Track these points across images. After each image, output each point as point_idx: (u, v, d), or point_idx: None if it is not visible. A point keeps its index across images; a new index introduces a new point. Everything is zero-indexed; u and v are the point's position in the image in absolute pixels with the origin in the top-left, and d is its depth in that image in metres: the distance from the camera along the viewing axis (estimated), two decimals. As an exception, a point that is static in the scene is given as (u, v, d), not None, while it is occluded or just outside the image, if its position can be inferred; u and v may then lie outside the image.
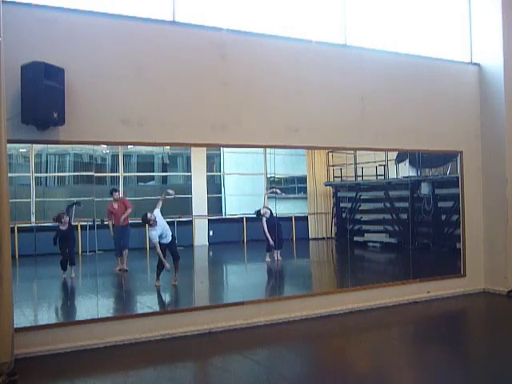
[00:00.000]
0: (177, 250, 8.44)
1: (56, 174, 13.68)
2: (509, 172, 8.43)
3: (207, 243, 12.21)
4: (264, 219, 10.06)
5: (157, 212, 8.15)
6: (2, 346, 4.80)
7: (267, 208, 10.25)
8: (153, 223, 8.00)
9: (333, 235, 12.57)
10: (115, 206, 9.83)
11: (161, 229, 8.14)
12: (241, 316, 6.71)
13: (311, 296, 7.50)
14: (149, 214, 7.97)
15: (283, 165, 12.58)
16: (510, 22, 8.44)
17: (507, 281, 8.43)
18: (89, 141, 6.20)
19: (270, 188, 11.04)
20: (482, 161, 8.81)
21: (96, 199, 8.82)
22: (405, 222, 10.48)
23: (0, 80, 4.89)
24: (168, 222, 10.08)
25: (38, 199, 11.59)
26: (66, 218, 8.91)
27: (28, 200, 11.33)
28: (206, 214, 12.27)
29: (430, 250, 10.37)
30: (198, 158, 12.03)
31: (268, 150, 9.04)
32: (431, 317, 7.53)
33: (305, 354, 6.14)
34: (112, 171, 13.13)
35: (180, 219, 11.00)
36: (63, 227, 8.83)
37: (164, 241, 8.22)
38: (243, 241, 12.25)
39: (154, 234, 8.06)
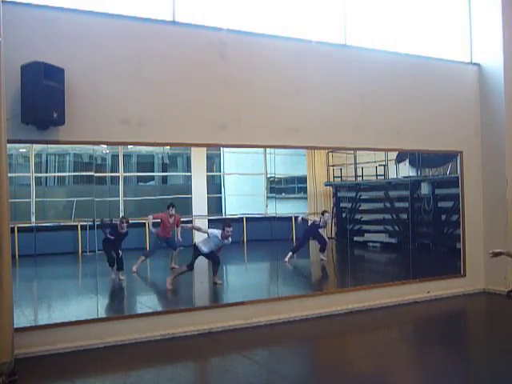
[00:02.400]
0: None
1: (56, 174, 13.70)
2: (509, 172, 8.43)
3: (207, 243, 12.20)
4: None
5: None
6: (2, 345, 4.80)
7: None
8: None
9: (333, 235, 12.57)
10: (171, 220, 9.75)
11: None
12: (241, 316, 6.71)
13: (311, 296, 7.50)
14: None
15: (283, 165, 12.60)
16: (510, 22, 8.44)
17: (507, 281, 8.42)
18: (89, 141, 6.21)
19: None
20: (482, 161, 8.81)
21: (96, 199, 8.83)
22: (405, 222, 10.48)
23: (0, 80, 4.89)
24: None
25: (37, 199, 11.60)
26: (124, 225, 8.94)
27: (28, 200, 11.34)
28: (206, 214, 12.27)
29: (429, 250, 10.37)
30: (198, 158, 12.03)
31: (268, 149, 9.05)
32: (431, 317, 7.53)
33: (305, 354, 6.14)
34: (112, 171, 13.14)
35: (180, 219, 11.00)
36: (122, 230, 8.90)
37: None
38: (243, 241, 12.26)
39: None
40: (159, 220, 9.85)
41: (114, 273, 8.95)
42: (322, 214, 11.12)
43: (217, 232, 8.18)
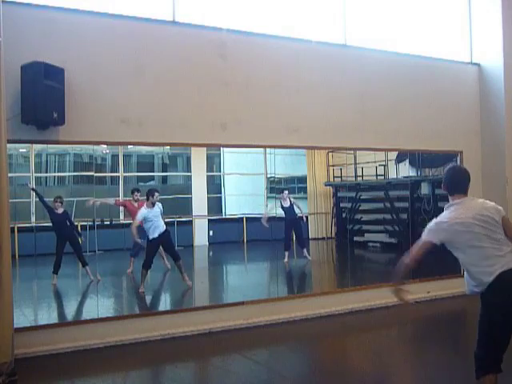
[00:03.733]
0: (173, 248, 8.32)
1: (56, 174, 13.69)
2: (509, 172, 8.43)
3: (207, 243, 12.22)
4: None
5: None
6: (2, 345, 4.80)
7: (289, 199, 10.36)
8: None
9: (333, 235, 12.57)
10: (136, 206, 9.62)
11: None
12: (241, 316, 6.70)
13: (311, 296, 7.50)
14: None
15: (283, 165, 12.59)
16: (510, 22, 8.44)
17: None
18: (89, 141, 6.21)
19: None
20: (482, 160, 8.81)
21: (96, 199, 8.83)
22: (405, 222, 10.49)
23: (0, 80, 4.89)
24: (168, 222, 10.02)
25: (38, 199, 11.57)
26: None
27: (28, 200, 11.33)
28: (206, 214, 12.28)
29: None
30: (198, 158, 12.04)
31: (268, 149, 9.04)
32: (431, 317, 7.53)
33: (305, 353, 6.14)
34: (112, 171, 13.15)
35: (180, 219, 11.01)
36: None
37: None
38: (243, 241, 12.26)
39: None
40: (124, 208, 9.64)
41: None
42: (282, 191, 10.63)
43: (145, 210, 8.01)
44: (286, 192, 10.52)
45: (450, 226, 3.39)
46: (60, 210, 8.63)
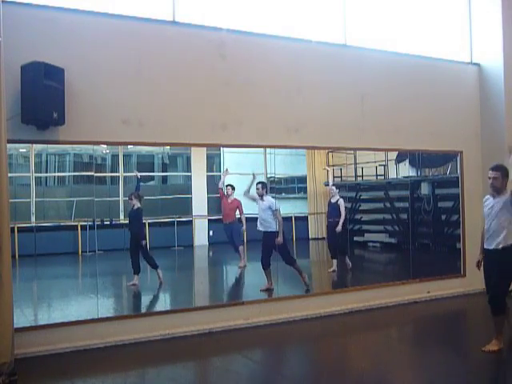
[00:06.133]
0: (285, 252, 7.93)
1: (56, 174, 13.70)
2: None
3: (207, 243, 12.22)
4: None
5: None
6: (2, 346, 4.80)
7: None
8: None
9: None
10: (228, 200, 9.85)
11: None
12: (241, 316, 6.71)
13: (311, 296, 7.51)
14: None
15: (283, 165, 12.58)
16: (510, 22, 8.44)
17: (507, 281, 8.42)
18: (89, 141, 6.21)
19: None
20: (482, 161, 8.80)
21: (96, 199, 8.83)
22: (405, 222, 10.49)
23: (0, 80, 4.89)
24: (168, 222, 10.02)
25: (37, 199, 11.60)
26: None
27: (28, 200, 11.34)
28: (206, 214, 12.27)
29: (429, 250, 10.37)
30: (198, 158, 12.03)
31: (268, 149, 9.04)
32: (431, 317, 7.53)
33: (305, 353, 6.14)
34: (112, 171, 13.14)
35: (180, 219, 11.02)
36: None
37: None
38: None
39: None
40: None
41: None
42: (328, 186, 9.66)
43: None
44: (334, 187, 9.70)
45: None
46: (135, 206, 8.60)
